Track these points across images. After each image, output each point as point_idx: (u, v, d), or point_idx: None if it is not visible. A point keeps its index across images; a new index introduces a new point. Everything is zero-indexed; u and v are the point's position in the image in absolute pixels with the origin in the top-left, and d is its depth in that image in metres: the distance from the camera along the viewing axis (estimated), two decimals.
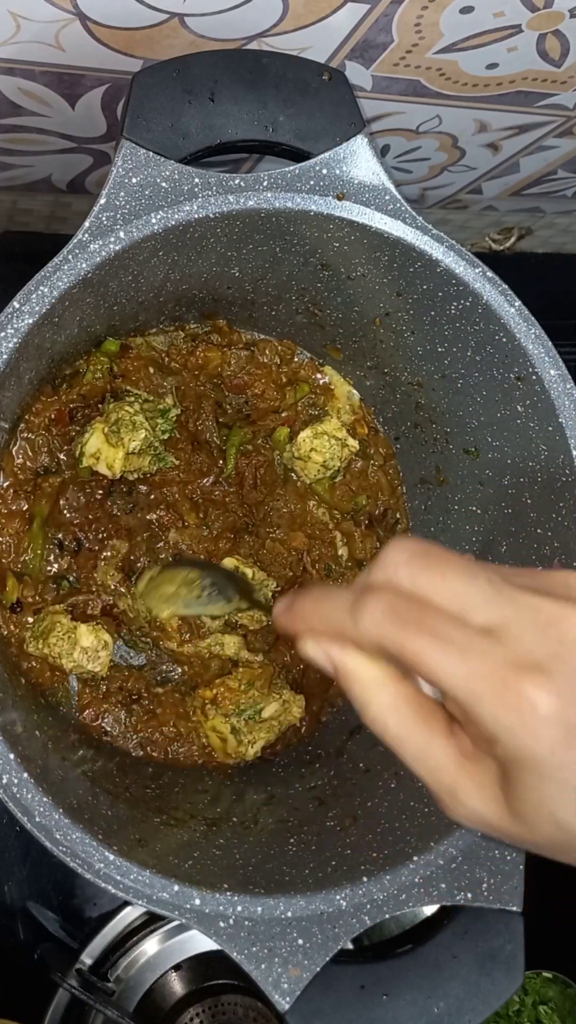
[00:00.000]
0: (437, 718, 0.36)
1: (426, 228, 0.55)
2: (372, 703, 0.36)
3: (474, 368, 0.59)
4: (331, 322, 0.65)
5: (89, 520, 0.64)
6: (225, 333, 0.69)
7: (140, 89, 0.52)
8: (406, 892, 0.49)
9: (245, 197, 0.52)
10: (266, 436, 0.69)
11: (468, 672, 0.32)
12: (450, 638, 0.32)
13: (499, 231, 0.95)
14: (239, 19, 0.55)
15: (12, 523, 0.62)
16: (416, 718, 0.35)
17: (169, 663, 0.66)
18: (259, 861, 0.53)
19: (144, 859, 0.48)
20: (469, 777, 0.35)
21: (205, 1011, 0.71)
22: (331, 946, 0.48)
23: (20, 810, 0.47)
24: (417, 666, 0.33)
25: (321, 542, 0.70)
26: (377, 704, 0.36)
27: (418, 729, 0.35)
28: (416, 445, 0.69)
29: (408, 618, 0.33)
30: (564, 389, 0.55)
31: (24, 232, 0.84)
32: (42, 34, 0.55)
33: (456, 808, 0.35)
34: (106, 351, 0.64)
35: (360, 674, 0.36)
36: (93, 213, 0.50)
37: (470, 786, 0.35)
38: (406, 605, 0.34)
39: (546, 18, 0.57)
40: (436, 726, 0.35)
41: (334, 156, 0.54)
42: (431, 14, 0.56)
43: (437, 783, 0.35)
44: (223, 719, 0.63)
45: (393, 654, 0.34)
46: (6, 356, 0.49)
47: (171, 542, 0.66)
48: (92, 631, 0.61)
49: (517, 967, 0.50)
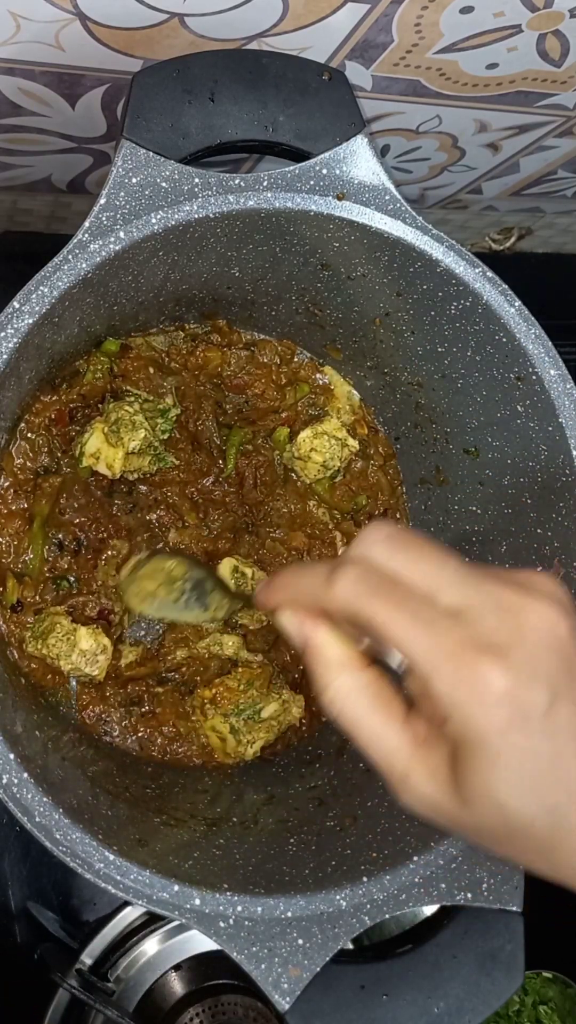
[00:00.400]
0: (394, 705, 0.37)
1: (426, 228, 0.55)
2: (331, 685, 0.37)
3: (474, 368, 0.59)
4: (331, 322, 0.65)
5: (89, 520, 0.64)
6: (225, 333, 0.69)
7: (140, 89, 0.52)
8: (406, 892, 0.49)
9: (245, 197, 0.52)
10: (266, 436, 0.69)
11: (430, 645, 0.33)
12: (417, 612, 0.34)
13: (499, 231, 0.95)
14: (239, 19, 0.55)
15: (12, 523, 0.62)
16: (373, 703, 0.37)
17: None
18: (259, 861, 0.53)
19: (144, 859, 0.48)
20: (422, 762, 0.35)
21: (205, 1011, 0.71)
22: (331, 946, 0.48)
23: (20, 810, 0.47)
24: (383, 633, 0.34)
25: (321, 542, 0.70)
26: (336, 687, 0.37)
27: (374, 714, 0.37)
28: (416, 445, 0.69)
29: (379, 588, 0.35)
30: (564, 389, 0.55)
31: (24, 232, 0.84)
32: (42, 34, 0.55)
33: (407, 792, 0.36)
34: (106, 351, 0.64)
35: (325, 652, 0.38)
36: (93, 213, 0.50)
37: (422, 771, 0.35)
38: (379, 577, 0.35)
39: (546, 18, 0.57)
40: (392, 712, 0.36)
41: (334, 156, 0.54)
42: (431, 14, 0.56)
43: (390, 768, 0.36)
44: (222, 719, 0.63)
45: (360, 621, 0.35)
46: (6, 356, 0.49)
47: (171, 542, 0.66)
48: (92, 634, 0.61)
49: (517, 967, 0.50)
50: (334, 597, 0.36)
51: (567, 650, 0.34)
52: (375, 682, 0.37)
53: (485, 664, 0.33)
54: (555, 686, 0.33)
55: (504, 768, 0.33)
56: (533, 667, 0.33)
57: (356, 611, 0.35)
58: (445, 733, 0.34)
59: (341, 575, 0.36)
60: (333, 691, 0.37)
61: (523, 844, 0.35)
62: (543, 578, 0.36)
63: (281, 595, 0.39)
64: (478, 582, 0.35)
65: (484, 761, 0.33)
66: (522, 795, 0.34)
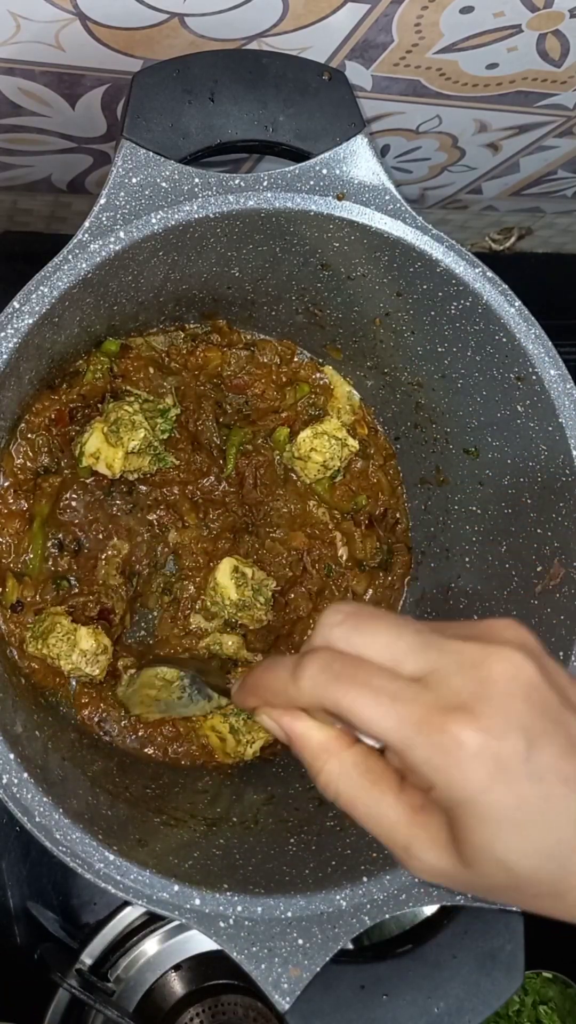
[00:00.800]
0: (386, 778, 0.36)
1: (426, 228, 0.55)
2: (322, 771, 0.37)
3: (474, 368, 0.59)
4: (331, 322, 0.65)
5: (89, 520, 0.64)
6: (225, 333, 0.69)
7: (140, 89, 0.52)
8: (406, 892, 0.49)
9: (245, 197, 0.52)
10: (266, 436, 0.69)
11: (399, 719, 0.33)
12: (380, 688, 0.34)
13: (499, 231, 0.95)
14: (239, 19, 0.55)
15: (12, 523, 0.62)
16: (364, 781, 0.36)
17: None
18: (259, 861, 0.53)
19: (144, 859, 0.48)
20: (422, 830, 0.35)
21: (205, 1011, 0.71)
22: (331, 946, 0.48)
23: (20, 810, 0.47)
24: (351, 718, 0.34)
25: (321, 542, 0.70)
26: (327, 772, 0.37)
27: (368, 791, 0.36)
28: (416, 445, 0.69)
29: (342, 673, 0.34)
30: (564, 389, 0.55)
31: (24, 232, 0.84)
32: (42, 34, 0.55)
33: (412, 863, 0.36)
34: (106, 351, 0.64)
35: (308, 740, 0.37)
36: (93, 213, 0.50)
37: (423, 839, 0.35)
38: (340, 662, 0.35)
39: (546, 18, 0.57)
40: (385, 786, 0.36)
41: (334, 156, 0.54)
42: (431, 14, 0.56)
43: (392, 841, 0.36)
44: (222, 719, 0.64)
45: (330, 709, 0.35)
46: (6, 356, 0.49)
47: (171, 542, 0.66)
48: (92, 634, 0.61)
49: (517, 967, 0.50)
50: (300, 692, 0.36)
51: (537, 693, 0.34)
52: (363, 759, 0.37)
53: (455, 725, 0.33)
54: (529, 731, 0.33)
55: (496, 824, 0.33)
56: (504, 717, 0.33)
57: (323, 701, 0.35)
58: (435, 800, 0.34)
59: (304, 668, 0.35)
60: (325, 776, 0.37)
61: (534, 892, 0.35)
62: (504, 624, 0.36)
63: (254, 697, 0.39)
64: (439, 644, 0.35)
65: (475, 820, 0.33)
66: (520, 847, 0.33)
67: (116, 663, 0.64)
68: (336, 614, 0.36)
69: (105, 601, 0.64)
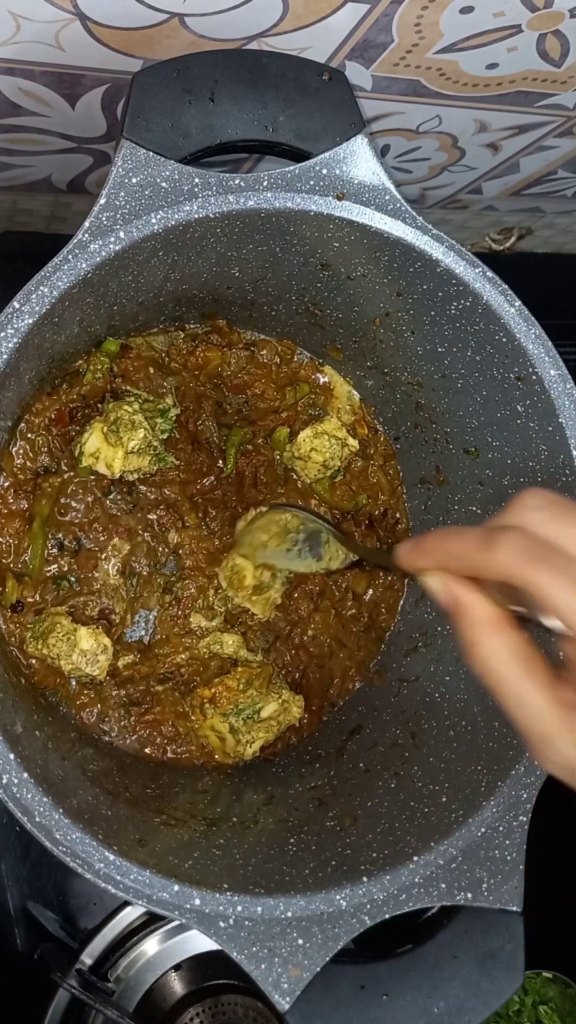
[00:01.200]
0: (542, 668, 0.37)
1: (426, 228, 0.55)
2: (481, 645, 0.38)
3: (474, 368, 0.59)
4: (331, 322, 0.65)
5: (89, 520, 0.64)
6: (225, 333, 0.69)
7: (140, 89, 0.52)
8: (406, 892, 0.49)
9: (245, 197, 0.52)
10: (266, 436, 0.69)
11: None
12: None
13: (499, 231, 0.95)
14: (239, 19, 0.55)
15: (12, 523, 0.62)
16: (521, 665, 0.37)
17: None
18: (259, 861, 0.53)
19: (144, 859, 0.48)
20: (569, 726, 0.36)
21: (205, 1011, 0.71)
22: (331, 946, 0.48)
23: (20, 810, 0.47)
24: (545, 599, 0.35)
25: None
26: (486, 647, 0.38)
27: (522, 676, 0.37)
28: (416, 445, 0.69)
29: (540, 556, 0.36)
30: (564, 389, 0.55)
31: (24, 232, 0.84)
32: (42, 34, 0.55)
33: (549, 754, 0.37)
34: (106, 351, 0.64)
35: (476, 612, 0.38)
36: (93, 213, 0.50)
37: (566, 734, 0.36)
38: (537, 545, 0.36)
39: (546, 18, 0.57)
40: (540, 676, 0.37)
41: (334, 156, 0.54)
42: (431, 14, 0.56)
43: (532, 729, 0.37)
44: (222, 718, 0.64)
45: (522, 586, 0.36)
46: (6, 356, 0.49)
47: (171, 542, 0.66)
48: (92, 634, 0.61)
49: (517, 967, 0.50)
50: (493, 563, 0.37)
51: None
52: (525, 645, 0.38)
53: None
54: None
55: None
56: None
57: (515, 577, 0.36)
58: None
59: (501, 542, 0.36)
60: (482, 650, 0.38)
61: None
62: None
63: (430, 558, 0.40)
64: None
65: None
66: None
67: (116, 663, 0.64)
68: (535, 497, 0.38)
69: (105, 601, 0.64)
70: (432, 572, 0.40)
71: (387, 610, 0.71)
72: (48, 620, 0.61)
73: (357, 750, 0.65)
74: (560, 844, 0.82)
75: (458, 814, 0.52)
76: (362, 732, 0.66)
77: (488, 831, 0.51)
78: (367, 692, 0.70)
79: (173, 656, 0.66)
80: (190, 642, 0.66)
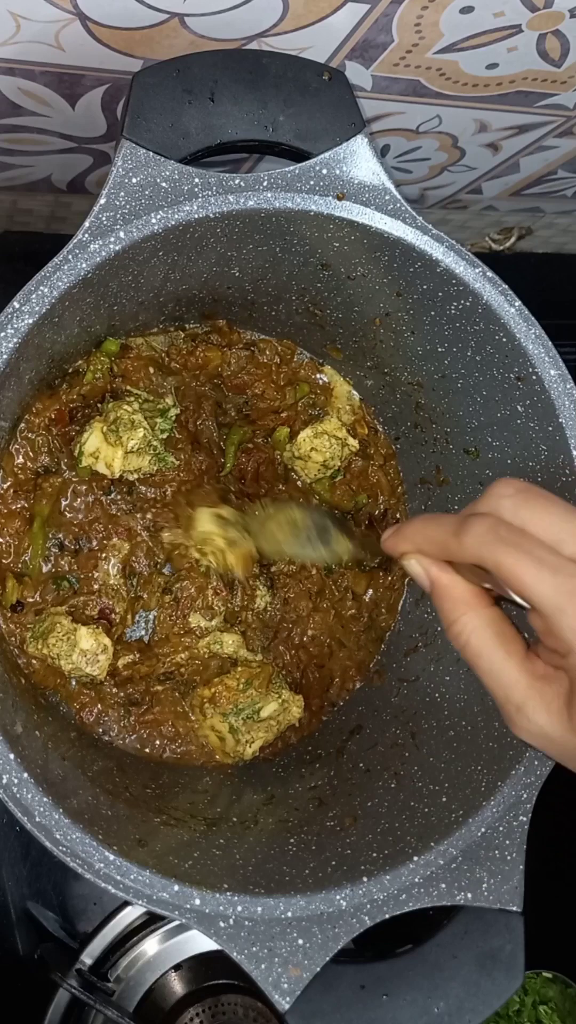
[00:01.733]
0: (516, 641, 0.41)
1: (426, 228, 0.55)
2: (459, 620, 0.41)
3: (474, 368, 0.59)
4: (331, 322, 0.65)
5: (89, 520, 0.64)
6: (225, 333, 0.69)
7: (140, 89, 0.52)
8: (406, 892, 0.49)
9: (245, 197, 0.52)
10: (266, 436, 0.69)
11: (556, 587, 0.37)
12: (543, 559, 0.37)
13: (499, 231, 0.95)
14: (239, 19, 0.55)
15: (12, 523, 0.62)
16: (496, 639, 0.40)
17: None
18: (259, 861, 0.53)
19: (144, 859, 0.48)
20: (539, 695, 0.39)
21: (205, 1011, 0.71)
22: (331, 946, 0.48)
23: (20, 810, 0.47)
24: (511, 578, 0.38)
25: None
26: (463, 622, 0.41)
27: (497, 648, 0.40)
28: (416, 445, 0.69)
29: (508, 539, 0.38)
30: (564, 389, 0.55)
31: (24, 232, 0.84)
32: (42, 34, 0.55)
33: (521, 722, 0.40)
34: (106, 351, 0.64)
35: (453, 591, 0.42)
36: (93, 213, 0.50)
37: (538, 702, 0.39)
38: (506, 528, 0.39)
39: (546, 18, 0.57)
40: (513, 648, 0.40)
41: (334, 156, 0.54)
42: (431, 14, 0.56)
43: (507, 699, 0.40)
44: (222, 718, 0.64)
45: (489, 567, 0.39)
46: (6, 356, 0.49)
47: (165, 542, 0.66)
48: (92, 634, 0.61)
49: (517, 967, 0.50)
50: (462, 547, 0.39)
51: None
52: (499, 620, 0.41)
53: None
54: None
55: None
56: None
57: (484, 558, 0.38)
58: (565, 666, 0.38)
59: (471, 526, 0.39)
60: (460, 625, 0.41)
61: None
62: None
63: (409, 542, 0.43)
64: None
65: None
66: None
67: (116, 663, 0.64)
68: (507, 487, 0.40)
69: (105, 601, 0.64)
70: (412, 555, 0.43)
71: (387, 610, 0.71)
72: (48, 620, 0.61)
73: (357, 750, 0.65)
74: (560, 844, 0.82)
75: (458, 814, 0.52)
76: (362, 732, 0.66)
77: (488, 831, 0.51)
78: (367, 692, 0.70)
79: (173, 656, 0.66)
80: (190, 642, 0.66)
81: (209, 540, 0.63)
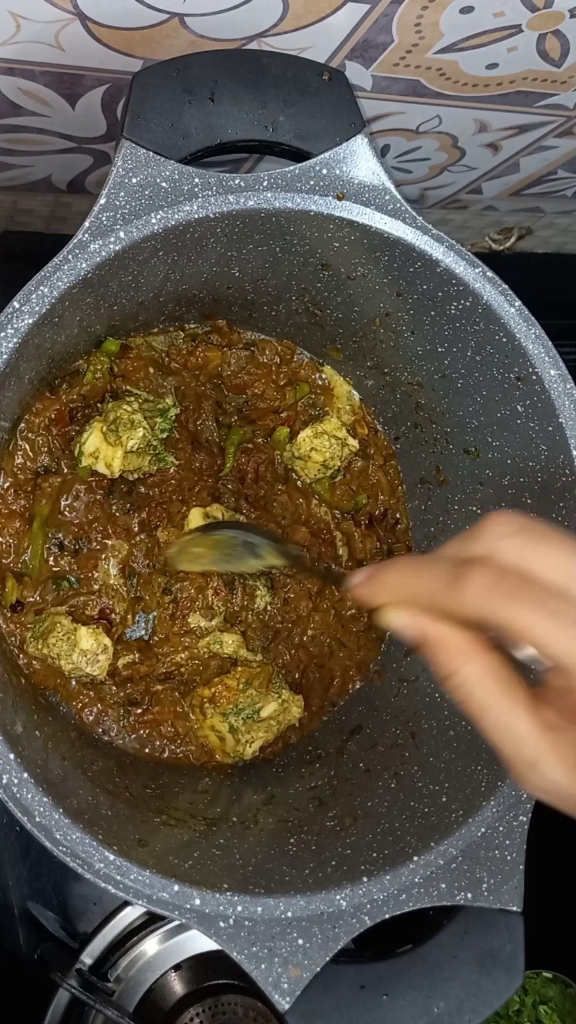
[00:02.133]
0: (521, 690, 0.36)
1: (426, 228, 0.55)
2: (458, 672, 0.37)
3: (474, 368, 0.59)
4: (331, 322, 0.65)
5: (89, 520, 0.64)
6: (225, 333, 0.69)
7: (140, 89, 0.52)
8: (406, 892, 0.49)
9: (245, 197, 0.52)
10: (266, 436, 0.69)
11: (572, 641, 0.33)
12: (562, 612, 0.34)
13: (499, 231, 0.95)
14: (239, 19, 0.55)
15: (12, 523, 0.62)
16: (501, 689, 0.36)
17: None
18: (259, 861, 0.53)
19: (144, 859, 0.48)
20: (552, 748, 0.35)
21: (205, 1011, 0.71)
22: (331, 946, 0.48)
23: (20, 810, 0.47)
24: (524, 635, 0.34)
25: (321, 541, 0.70)
26: (463, 673, 0.37)
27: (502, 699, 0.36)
28: (416, 445, 0.69)
29: (515, 591, 0.34)
30: (564, 389, 0.55)
31: (24, 232, 0.84)
32: (42, 34, 0.55)
33: (534, 779, 0.36)
34: (106, 351, 0.64)
35: (448, 642, 0.37)
36: (93, 213, 0.50)
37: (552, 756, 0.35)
38: (512, 579, 0.35)
39: (546, 18, 0.57)
40: (520, 697, 0.36)
41: (334, 156, 0.54)
42: (431, 14, 0.56)
43: (516, 753, 0.36)
44: (221, 718, 0.64)
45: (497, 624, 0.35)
46: (6, 356, 0.49)
47: (161, 540, 0.66)
48: (92, 634, 0.61)
49: (517, 967, 0.50)
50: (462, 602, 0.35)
51: None
52: (502, 667, 0.37)
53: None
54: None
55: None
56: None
57: (493, 615, 0.35)
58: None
59: (470, 579, 0.35)
60: (461, 677, 0.37)
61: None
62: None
63: (390, 594, 0.38)
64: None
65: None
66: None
67: (116, 663, 0.64)
68: (506, 525, 0.36)
69: (105, 601, 0.64)
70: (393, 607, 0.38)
71: None
72: (48, 620, 0.61)
73: (357, 750, 0.65)
74: (560, 844, 0.82)
75: (458, 814, 0.52)
76: (362, 732, 0.66)
77: (488, 831, 0.51)
78: (367, 692, 0.70)
79: (173, 656, 0.66)
80: (190, 641, 0.66)
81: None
